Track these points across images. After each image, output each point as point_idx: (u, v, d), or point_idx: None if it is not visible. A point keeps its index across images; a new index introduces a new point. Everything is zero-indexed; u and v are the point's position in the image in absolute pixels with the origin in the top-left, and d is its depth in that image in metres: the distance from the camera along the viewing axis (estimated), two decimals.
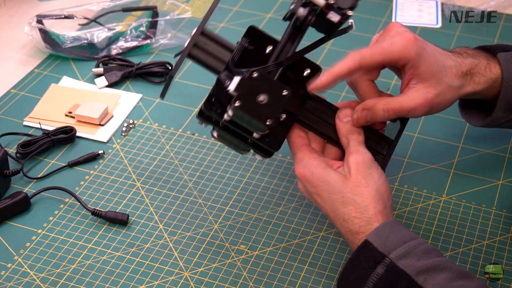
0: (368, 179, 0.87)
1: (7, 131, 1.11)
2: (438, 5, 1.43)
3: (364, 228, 0.85)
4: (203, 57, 0.89)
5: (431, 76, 0.91)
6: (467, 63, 0.94)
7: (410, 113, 0.91)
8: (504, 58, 0.96)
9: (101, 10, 1.35)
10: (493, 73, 0.95)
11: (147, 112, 1.18)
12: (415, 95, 0.91)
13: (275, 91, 0.85)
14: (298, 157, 0.90)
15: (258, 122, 0.85)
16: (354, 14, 0.87)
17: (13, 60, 1.29)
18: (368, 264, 0.82)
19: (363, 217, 0.86)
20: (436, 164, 1.09)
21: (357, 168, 0.87)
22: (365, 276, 0.82)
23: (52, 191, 1.03)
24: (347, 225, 0.87)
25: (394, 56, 0.90)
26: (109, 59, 1.26)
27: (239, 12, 1.41)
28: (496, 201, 1.03)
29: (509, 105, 0.97)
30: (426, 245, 0.83)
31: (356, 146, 0.89)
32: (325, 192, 0.88)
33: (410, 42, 0.90)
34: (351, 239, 0.87)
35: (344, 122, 0.91)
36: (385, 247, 0.82)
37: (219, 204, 1.03)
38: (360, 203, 0.86)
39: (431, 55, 0.91)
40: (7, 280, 0.92)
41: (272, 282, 0.93)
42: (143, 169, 1.08)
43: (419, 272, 0.80)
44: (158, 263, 0.95)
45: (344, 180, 0.87)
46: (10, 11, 1.41)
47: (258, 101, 0.84)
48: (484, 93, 0.96)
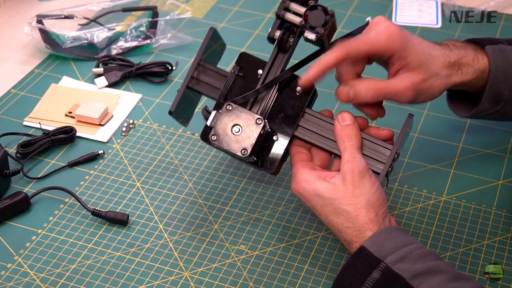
0: (360, 188, 0.87)
1: (7, 131, 1.11)
2: (438, 5, 1.43)
3: (357, 237, 0.86)
4: (200, 88, 0.95)
5: (419, 65, 0.92)
6: (454, 54, 0.95)
7: (396, 96, 0.92)
8: (492, 50, 0.97)
9: (101, 10, 1.35)
10: (481, 64, 0.97)
11: (147, 112, 1.18)
12: (402, 78, 0.92)
13: (248, 120, 0.90)
14: (292, 173, 0.92)
15: (234, 154, 0.90)
16: (355, 14, 0.87)
17: (13, 60, 1.29)
18: (364, 269, 0.82)
19: (354, 227, 0.86)
20: (436, 164, 1.09)
21: (351, 177, 0.87)
22: (361, 281, 0.82)
23: (52, 191, 1.03)
24: (342, 235, 0.88)
25: (380, 46, 0.91)
26: (109, 59, 1.26)
27: (239, 12, 1.41)
28: (496, 201, 1.03)
29: (495, 97, 0.98)
30: (422, 250, 0.83)
31: (353, 153, 0.89)
32: (318, 205, 0.89)
33: (395, 33, 0.91)
34: (347, 248, 0.88)
35: (342, 126, 0.91)
36: (380, 252, 0.83)
37: (219, 204, 1.03)
38: (351, 212, 0.86)
39: (417, 44, 0.92)
40: (7, 280, 0.92)
41: (272, 282, 0.93)
42: (143, 169, 1.08)
43: (414, 276, 0.80)
44: (158, 263, 0.95)
45: (335, 192, 0.87)
46: (10, 11, 1.41)
47: (233, 133, 0.90)
48: (472, 84, 0.97)
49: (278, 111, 0.94)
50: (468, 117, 1.03)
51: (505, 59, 0.97)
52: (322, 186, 0.88)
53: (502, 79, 0.97)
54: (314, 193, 0.88)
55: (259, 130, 0.90)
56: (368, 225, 0.85)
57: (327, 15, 0.90)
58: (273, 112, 0.94)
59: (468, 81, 0.96)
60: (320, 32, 0.90)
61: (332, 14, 0.90)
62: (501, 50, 0.98)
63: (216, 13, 1.41)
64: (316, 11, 0.90)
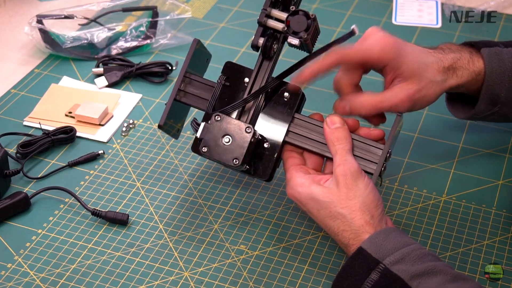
0: (354, 190, 0.87)
1: (7, 131, 1.11)
2: (438, 5, 1.43)
3: (353, 240, 0.86)
4: (188, 100, 0.96)
5: (412, 74, 0.93)
6: (449, 58, 0.96)
7: (392, 109, 0.93)
8: (487, 52, 0.98)
9: (101, 10, 1.35)
10: (476, 67, 0.97)
11: (147, 112, 1.18)
12: (397, 91, 0.93)
13: (238, 130, 0.91)
14: (286, 178, 0.92)
15: (226, 164, 0.91)
16: (355, 14, 0.87)
17: (13, 60, 1.29)
18: (362, 270, 0.82)
19: (351, 230, 0.86)
20: (436, 164, 1.09)
21: (344, 180, 0.87)
22: (359, 282, 0.82)
23: (52, 191, 1.03)
24: (338, 239, 0.88)
25: (373, 56, 0.92)
26: (109, 59, 1.26)
27: (239, 12, 1.41)
28: (496, 201, 1.03)
29: (492, 99, 0.99)
30: (421, 250, 0.83)
31: (344, 155, 0.89)
32: (314, 209, 0.89)
33: (388, 43, 0.92)
34: (345, 251, 0.88)
35: (332, 129, 0.91)
36: (379, 253, 0.82)
37: (219, 204, 1.03)
38: (347, 215, 0.86)
39: (410, 54, 0.94)
40: (7, 280, 0.92)
41: (272, 282, 0.93)
42: (143, 169, 1.08)
43: (413, 277, 0.80)
44: (158, 263, 0.95)
45: (330, 195, 0.87)
46: (10, 11, 1.41)
47: (224, 143, 0.91)
48: (468, 86, 0.98)
49: (267, 118, 0.94)
50: (466, 119, 1.04)
51: (501, 61, 0.98)
52: (317, 190, 0.88)
53: (497, 81, 0.98)
54: (310, 197, 0.88)
55: (249, 139, 0.90)
56: (364, 228, 0.85)
57: (309, 19, 0.91)
58: (262, 119, 0.94)
59: (464, 83, 0.97)
60: (303, 37, 0.90)
61: (313, 18, 0.91)
62: (497, 53, 0.98)
63: (216, 13, 1.41)
64: (297, 16, 0.91)
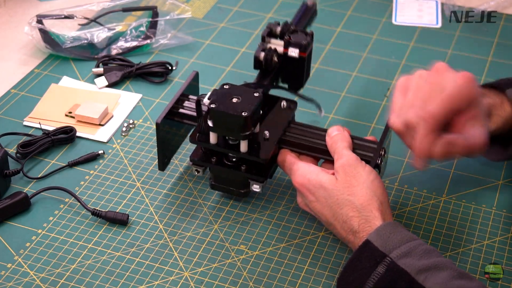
0: (357, 177, 0.89)
1: (7, 131, 1.11)
2: (438, 5, 1.43)
3: (364, 226, 0.86)
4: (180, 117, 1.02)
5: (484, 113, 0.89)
6: (485, 103, 0.92)
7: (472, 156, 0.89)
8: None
9: (101, 10, 1.35)
10: (506, 112, 0.95)
11: (147, 112, 1.18)
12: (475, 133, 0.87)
13: (246, 93, 0.94)
14: (294, 169, 0.94)
15: (235, 116, 0.91)
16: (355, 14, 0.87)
17: (13, 60, 1.29)
18: (369, 263, 0.83)
19: (361, 216, 0.87)
20: (436, 164, 1.08)
21: (344, 170, 0.90)
22: (366, 276, 0.82)
23: (52, 191, 1.03)
24: (347, 226, 0.88)
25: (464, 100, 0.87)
26: (109, 59, 1.26)
27: (239, 12, 1.41)
28: (496, 201, 1.03)
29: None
30: (426, 246, 0.84)
31: (341, 151, 0.92)
32: (322, 197, 0.90)
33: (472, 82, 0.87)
34: (352, 239, 0.88)
35: (332, 136, 0.95)
36: (386, 246, 0.83)
37: (219, 204, 1.02)
38: (355, 202, 0.88)
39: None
40: (7, 280, 0.92)
41: (272, 282, 0.93)
42: (143, 169, 1.08)
43: (419, 271, 0.80)
44: (158, 263, 0.95)
45: (336, 184, 0.89)
46: (10, 11, 1.41)
47: (231, 101, 0.93)
48: (499, 131, 0.95)
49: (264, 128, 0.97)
50: (501, 160, 1.03)
51: None
52: (325, 178, 0.90)
53: None
54: (319, 184, 0.90)
55: (259, 98, 0.93)
56: (374, 213, 0.86)
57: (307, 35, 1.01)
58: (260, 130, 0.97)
59: (495, 129, 0.94)
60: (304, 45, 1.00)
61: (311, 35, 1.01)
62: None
63: (216, 13, 1.41)
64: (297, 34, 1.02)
